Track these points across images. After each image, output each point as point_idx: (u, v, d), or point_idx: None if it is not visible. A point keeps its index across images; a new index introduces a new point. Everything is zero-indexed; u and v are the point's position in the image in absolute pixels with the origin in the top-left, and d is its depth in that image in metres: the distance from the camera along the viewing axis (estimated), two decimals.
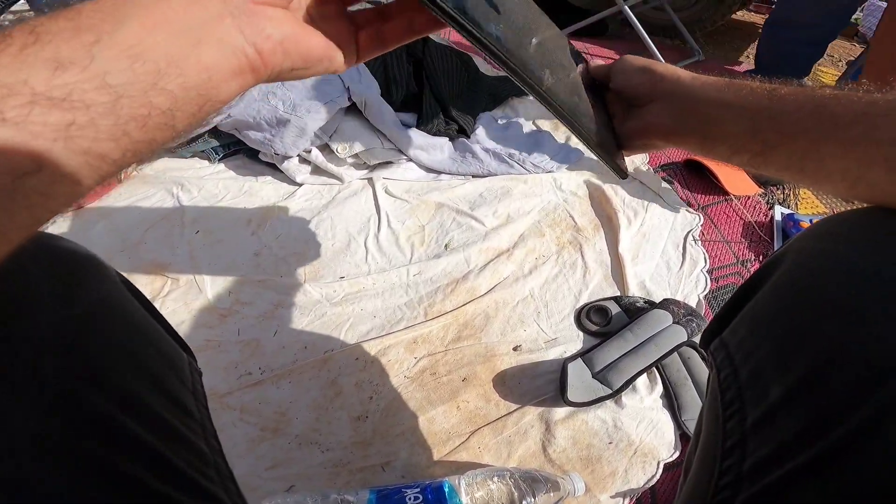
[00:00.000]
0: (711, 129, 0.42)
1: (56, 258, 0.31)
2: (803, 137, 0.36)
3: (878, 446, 0.25)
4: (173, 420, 0.34)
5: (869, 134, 0.32)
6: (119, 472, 0.28)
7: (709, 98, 0.42)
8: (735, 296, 0.40)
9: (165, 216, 1.05)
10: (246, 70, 0.28)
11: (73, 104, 0.21)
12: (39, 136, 0.21)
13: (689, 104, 0.44)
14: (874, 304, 0.28)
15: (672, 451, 0.75)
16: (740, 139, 0.40)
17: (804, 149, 0.36)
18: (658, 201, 1.22)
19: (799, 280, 0.33)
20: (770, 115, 0.38)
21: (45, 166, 0.21)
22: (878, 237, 0.31)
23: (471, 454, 0.73)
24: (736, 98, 0.40)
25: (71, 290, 0.31)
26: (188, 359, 0.41)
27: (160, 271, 0.94)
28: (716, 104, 0.42)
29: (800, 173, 0.37)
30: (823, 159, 0.35)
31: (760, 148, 0.39)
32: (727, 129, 0.41)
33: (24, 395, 0.25)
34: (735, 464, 0.33)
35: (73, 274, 0.32)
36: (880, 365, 0.26)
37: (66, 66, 0.22)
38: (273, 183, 1.18)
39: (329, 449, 0.72)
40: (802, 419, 0.29)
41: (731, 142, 0.41)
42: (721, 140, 0.42)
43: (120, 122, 0.23)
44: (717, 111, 0.42)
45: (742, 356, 0.36)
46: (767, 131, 0.38)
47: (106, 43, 0.23)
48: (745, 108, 0.39)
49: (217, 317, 0.88)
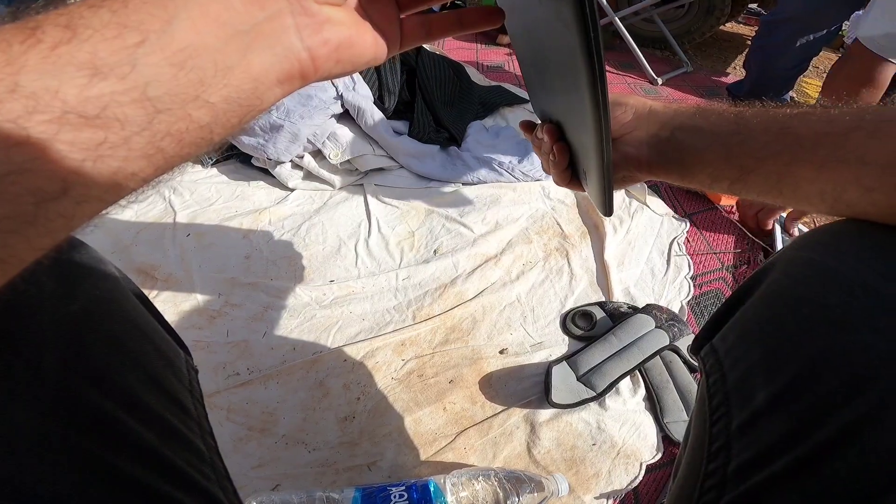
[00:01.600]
0: (688, 157, 0.42)
1: (57, 256, 0.31)
2: (774, 161, 0.36)
3: (856, 452, 0.26)
4: (171, 418, 0.34)
5: (834, 154, 0.32)
6: (119, 471, 0.28)
7: (682, 125, 0.42)
8: (726, 303, 0.41)
9: (157, 219, 1.06)
10: (296, 76, 0.26)
11: (107, 121, 0.19)
12: (67, 155, 0.19)
13: (663, 132, 0.43)
14: (860, 313, 0.28)
15: (654, 452, 0.77)
16: (717, 166, 0.40)
17: (778, 172, 0.36)
18: (644, 210, 1.24)
19: (787, 289, 0.34)
20: (740, 139, 0.38)
21: (71, 189, 0.19)
22: (864, 248, 0.31)
23: (457, 455, 0.74)
24: (706, 123, 0.41)
25: (71, 287, 0.31)
26: (185, 357, 0.41)
27: (151, 272, 0.95)
28: (689, 130, 0.42)
29: (780, 196, 0.37)
30: (798, 183, 0.35)
31: (738, 174, 0.38)
32: (704, 157, 0.41)
33: (25, 393, 0.25)
34: (720, 466, 0.34)
35: (74, 271, 0.32)
36: (863, 373, 0.26)
37: (103, 74, 0.19)
38: (265, 188, 1.20)
39: (316, 449, 0.72)
40: (785, 424, 0.29)
41: (709, 170, 0.41)
42: (699, 167, 0.41)
43: (155, 139, 0.21)
44: (690, 138, 0.41)
45: (731, 362, 0.36)
46: (741, 156, 0.38)
47: (152, 45, 0.20)
48: (716, 133, 0.40)
49: (207, 318, 0.89)
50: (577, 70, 0.32)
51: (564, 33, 0.30)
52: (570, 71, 0.33)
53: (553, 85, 0.42)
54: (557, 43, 0.34)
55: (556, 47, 0.35)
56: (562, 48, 0.33)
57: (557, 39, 0.33)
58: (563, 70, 0.36)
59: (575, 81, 0.33)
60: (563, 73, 0.36)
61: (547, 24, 0.34)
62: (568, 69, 0.34)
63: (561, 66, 0.36)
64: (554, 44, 0.35)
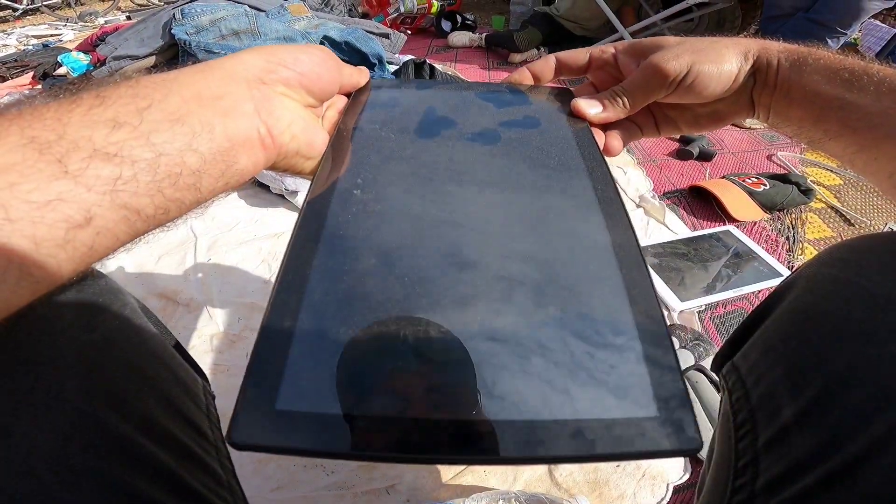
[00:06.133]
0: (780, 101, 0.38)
1: (79, 285, 0.32)
2: (866, 133, 0.34)
3: (889, 462, 0.25)
4: (189, 442, 0.34)
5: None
6: (137, 492, 0.28)
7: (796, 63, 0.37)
8: (746, 321, 0.41)
9: (179, 243, 1.08)
10: (257, 144, 0.31)
11: (122, 159, 0.24)
12: (93, 188, 0.23)
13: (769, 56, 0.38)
14: (886, 326, 0.28)
15: (682, 473, 0.74)
16: (802, 125, 0.38)
17: (861, 144, 0.35)
18: (662, 229, 1.23)
19: (810, 305, 0.33)
20: (840, 104, 0.35)
21: (94, 219, 0.23)
22: (887, 262, 0.31)
23: (476, 477, 0.72)
24: (814, 73, 0.37)
25: (92, 317, 0.31)
26: (202, 382, 0.42)
27: (173, 297, 0.96)
28: (799, 70, 0.37)
29: (849, 164, 0.36)
30: (879, 158, 0.34)
31: (819, 136, 0.37)
32: (790, 113, 0.38)
33: (45, 416, 0.26)
34: (748, 482, 0.33)
35: (94, 301, 0.33)
36: (892, 384, 0.26)
37: (121, 125, 0.24)
38: (284, 213, 1.22)
39: (334, 472, 0.71)
40: (815, 438, 0.29)
41: (791, 127, 0.39)
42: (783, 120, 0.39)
43: (157, 178, 0.25)
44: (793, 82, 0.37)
45: (754, 379, 0.36)
46: (832, 121, 0.36)
47: (155, 108, 0.26)
48: (818, 93, 0.36)
49: (227, 342, 0.90)
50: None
51: None
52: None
53: None
54: None
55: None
56: None
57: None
58: None
59: None
60: None
61: None
62: None
63: None
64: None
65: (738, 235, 1.20)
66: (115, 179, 0.24)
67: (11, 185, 0.21)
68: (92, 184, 0.23)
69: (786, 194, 1.31)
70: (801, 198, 1.32)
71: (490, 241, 0.29)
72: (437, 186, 0.32)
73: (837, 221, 1.32)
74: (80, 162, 0.23)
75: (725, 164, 1.55)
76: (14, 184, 0.21)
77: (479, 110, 0.40)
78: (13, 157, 0.21)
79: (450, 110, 0.40)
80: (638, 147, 1.61)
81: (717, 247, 1.17)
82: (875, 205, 1.39)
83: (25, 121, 0.23)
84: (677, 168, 1.51)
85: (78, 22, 3.34)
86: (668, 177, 1.46)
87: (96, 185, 0.23)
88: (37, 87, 1.89)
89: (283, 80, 0.34)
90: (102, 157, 0.23)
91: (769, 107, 0.40)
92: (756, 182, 1.34)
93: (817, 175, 1.52)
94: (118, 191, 0.24)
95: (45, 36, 2.96)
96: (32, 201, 0.21)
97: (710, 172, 1.49)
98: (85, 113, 0.24)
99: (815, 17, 1.80)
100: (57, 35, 2.97)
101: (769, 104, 0.39)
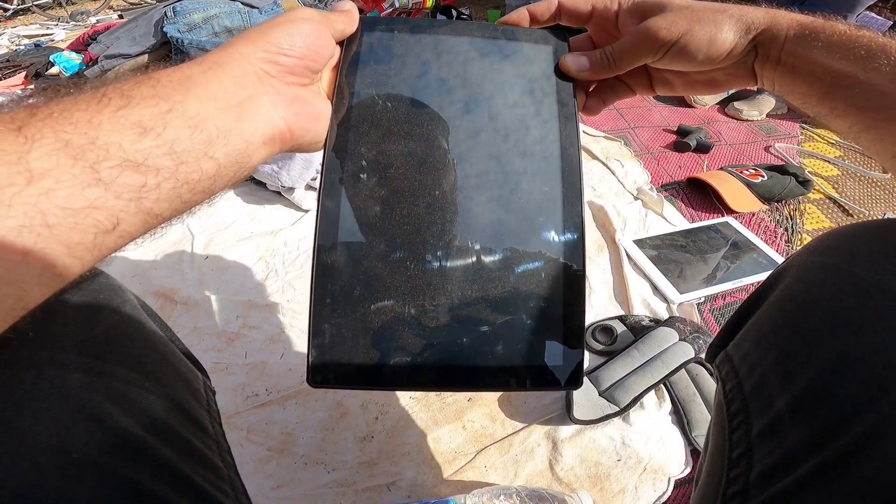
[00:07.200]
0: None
1: (81, 283, 0.32)
2: (874, 114, 0.34)
3: (882, 452, 0.25)
4: (190, 436, 0.35)
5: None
6: (139, 486, 0.28)
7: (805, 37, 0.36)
8: (739, 310, 0.40)
9: (176, 242, 1.08)
10: (276, 139, 0.33)
11: (148, 168, 0.25)
12: (121, 196, 0.24)
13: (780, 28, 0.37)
14: (876, 314, 0.28)
15: (683, 467, 0.74)
16: (808, 100, 0.37)
17: (867, 124, 0.34)
18: (660, 221, 1.23)
19: (801, 293, 0.33)
20: (849, 83, 0.34)
21: (120, 224, 0.24)
22: (878, 249, 0.31)
23: (477, 473, 0.72)
24: (823, 47, 0.35)
25: (93, 313, 0.32)
26: (202, 378, 0.42)
27: (171, 296, 0.96)
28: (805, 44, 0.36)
29: (855, 140, 0.36)
30: (884, 139, 0.34)
31: (826, 112, 0.36)
32: (795, 88, 0.38)
33: (48, 411, 0.26)
34: (742, 473, 0.33)
35: (96, 297, 0.33)
36: (883, 373, 0.26)
37: (146, 131, 0.25)
38: (280, 209, 1.21)
39: (335, 469, 0.71)
40: (808, 428, 0.29)
41: (798, 100, 0.38)
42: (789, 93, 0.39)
43: (177, 185, 0.26)
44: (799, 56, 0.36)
45: (746, 368, 0.36)
46: (838, 100, 0.35)
47: (176, 112, 0.27)
48: (827, 69, 0.35)
49: (225, 340, 0.89)
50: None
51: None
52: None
53: None
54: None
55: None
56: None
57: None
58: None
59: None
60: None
61: None
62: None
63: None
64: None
65: (737, 227, 1.20)
66: (141, 187, 0.25)
67: (48, 191, 0.21)
68: (121, 191, 0.24)
69: (784, 185, 1.30)
70: (798, 189, 1.32)
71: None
72: (431, 144, 0.39)
73: (835, 212, 1.32)
74: (111, 170, 0.23)
75: (723, 156, 1.55)
76: (51, 190, 0.22)
77: (470, 59, 0.42)
78: (49, 162, 0.22)
79: (441, 60, 0.41)
80: (635, 139, 1.61)
81: (716, 238, 1.16)
82: (873, 195, 1.39)
83: (57, 122, 0.23)
84: (675, 160, 1.51)
85: (69, 21, 3.31)
86: (666, 169, 1.46)
87: (124, 192, 0.24)
88: (29, 86, 1.88)
89: (289, 70, 0.34)
90: (131, 167, 0.24)
91: (773, 80, 0.39)
92: (754, 173, 1.34)
93: (815, 166, 1.52)
94: (143, 198, 0.25)
95: (36, 36, 2.93)
96: (68, 207, 0.22)
97: (708, 164, 1.49)
98: (113, 114, 0.25)
99: (811, 8, 1.80)
100: (48, 35, 2.94)
101: (773, 77, 0.39)
